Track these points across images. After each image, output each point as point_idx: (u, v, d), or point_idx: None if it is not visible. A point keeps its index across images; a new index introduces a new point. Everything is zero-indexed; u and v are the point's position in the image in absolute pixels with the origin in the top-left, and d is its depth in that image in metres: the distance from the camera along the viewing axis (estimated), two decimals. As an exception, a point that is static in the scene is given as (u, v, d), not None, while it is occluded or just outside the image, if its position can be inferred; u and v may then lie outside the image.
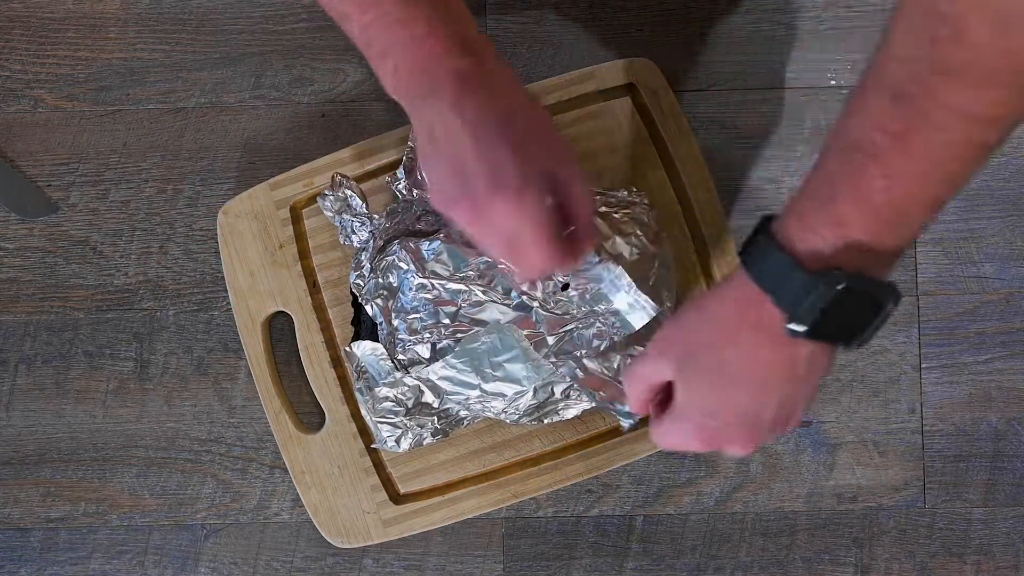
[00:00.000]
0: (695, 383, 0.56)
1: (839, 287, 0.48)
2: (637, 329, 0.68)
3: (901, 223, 0.48)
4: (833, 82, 0.81)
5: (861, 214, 0.48)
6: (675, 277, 0.73)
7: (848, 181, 0.48)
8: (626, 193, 0.73)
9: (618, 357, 0.70)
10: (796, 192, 0.51)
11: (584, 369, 0.69)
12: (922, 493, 0.79)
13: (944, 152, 0.46)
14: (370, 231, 0.73)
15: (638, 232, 0.70)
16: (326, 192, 0.73)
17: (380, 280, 0.71)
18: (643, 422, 0.71)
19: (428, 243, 0.70)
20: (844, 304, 0.49)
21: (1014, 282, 0.80)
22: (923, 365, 0.79)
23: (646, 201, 0.72)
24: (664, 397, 0.60)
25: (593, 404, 0.71)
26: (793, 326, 0.50)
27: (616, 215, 0.71)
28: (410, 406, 0.70)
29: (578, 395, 0.70)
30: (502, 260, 0.59)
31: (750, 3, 0.81)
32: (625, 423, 0.70)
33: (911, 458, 0.79)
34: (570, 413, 0.71)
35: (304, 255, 0.76)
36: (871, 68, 0.47)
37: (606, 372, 0.70)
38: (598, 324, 0.69)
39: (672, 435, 0.59)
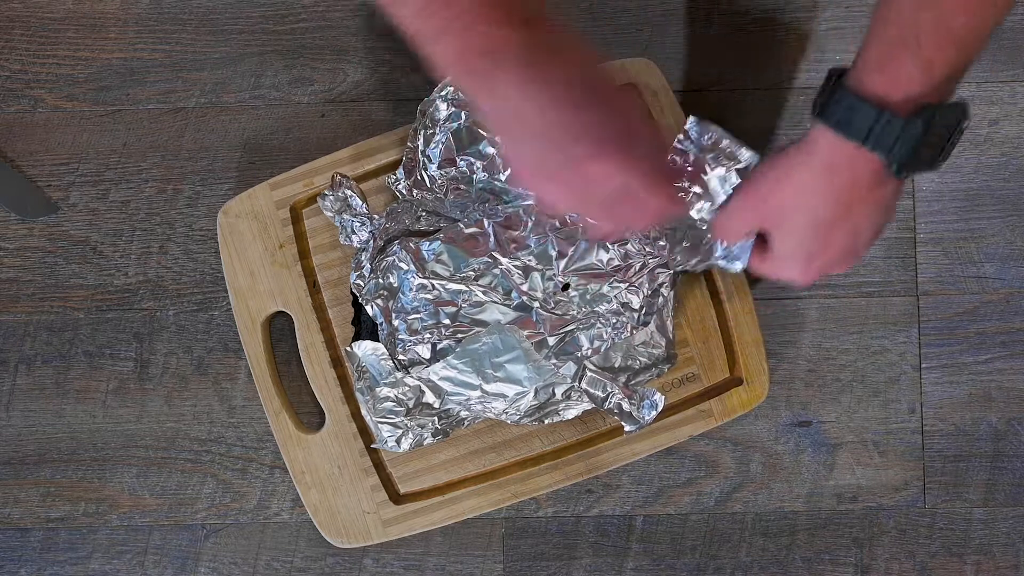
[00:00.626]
0: (795, 239, 0.61)
1: (931, 122, 0.53)
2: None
3: (974, 46, 0.53)
4: (833, 82, 0.81)
5: (946, 51, 0.52)
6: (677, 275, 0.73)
7: (932, 24, 0.52)
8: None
9: (619, 357, 0.70)
10: (865, 50, 0.54)
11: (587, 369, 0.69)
12: (922, 493, 0.79)
13: None
14: (370, 231, 0.73)
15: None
16: (326, 192, 0.73)
17: (380, 280, 0.71)
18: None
19: (428, 243, 0.70)
20: (934, 135, 0.54)
21: (1014, 282, 0.80)
22: (923, 365, 0.79)
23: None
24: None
25: (594, 405, 0.71)
26: (894, 170, 0.55)
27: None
28: (411, 406, 0.70)
29: (579, 396, 0.70)
30: (609, 225, 0.61)
31: (750, 3, 0.81)
32: (629, 428, 0.70)
33: (911, 458, 0.79)
34: (571, 413, 0.71)
35: (304, 255, 0.76)
36: None
37: (607, 373, 0.70)
38: (599, 325, 0.69)
39: (777, 271, 0.65)
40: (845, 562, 0.78)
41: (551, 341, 0.69)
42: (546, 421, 0.71)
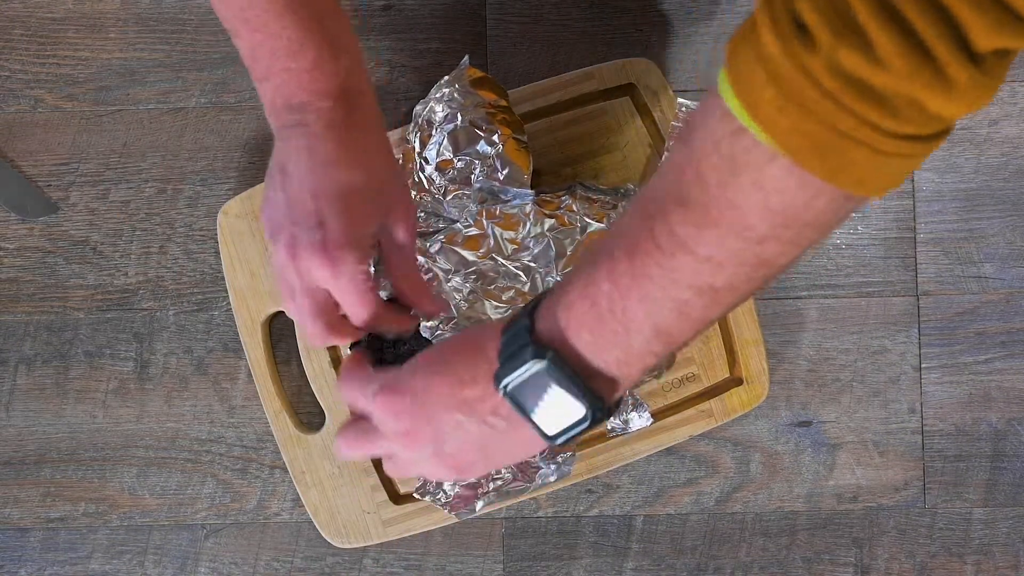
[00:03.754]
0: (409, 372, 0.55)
1: (540, 364, 0.48)
2: None
3: (621, 334, 0.48)
4: (833, 82, 0.81)
5: (583, 304, 0.48)
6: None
7: (584, 273, 0.48)
8: (624, 191, 0.73)
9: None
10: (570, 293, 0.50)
11: None
12: (922, 493, 0.79)
13: (665, 277, 0.46)
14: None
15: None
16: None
17: (381, 281, 0.71)
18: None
19: (427, 244, 0.70)
20: (544, 384, 0.48)
21: (1014, 282, 0.80)
22: (923, 365, 0.79)
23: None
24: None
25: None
26: (498, 375, 0.49)
27: (614, 214, 0.71)
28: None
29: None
30: (304, 318, 0.58)
31: (750, 3, 0.81)
32: (611, 427, 0.70)
33: (911, 458, 0.79)
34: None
35: (304, 255, 0.76)
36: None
37: None
38: None
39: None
40: (845, 562, 0.78)
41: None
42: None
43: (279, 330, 0.78)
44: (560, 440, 0.50)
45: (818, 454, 0.79)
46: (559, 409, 0.49)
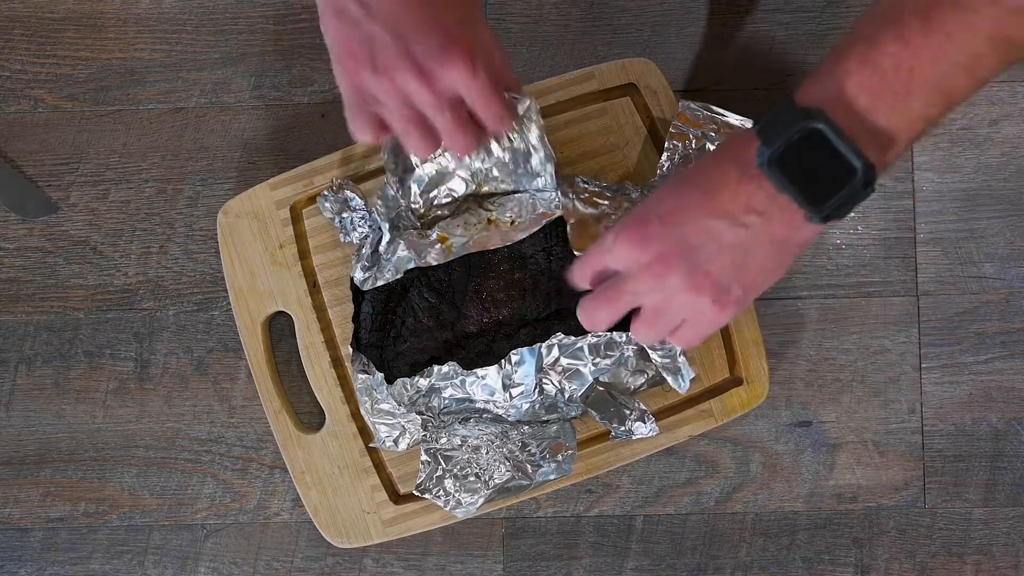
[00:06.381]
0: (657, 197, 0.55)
1: (813, 123, 0.48)
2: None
3: (901, 96, 0.48)
4: (833, 82, 0.81)
5: (863, 70, 0.49)
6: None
7: (864, 40, 0.49)
8: (624, 190, 0.73)
9: (627, 374, 0.70)
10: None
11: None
12: (922, 493, 0.79)
13: (964, 33, 0.47)
14: (369, 225, 0.73)
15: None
16: (326, 193, 0.73)
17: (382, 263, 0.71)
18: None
19: (427, 235, 0.70)
20: (814, 148, 0.49)
21: (1014, 282, 0.80)
22: (923, 365, 0.79)
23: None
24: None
25: (592, 413, 0.70)
26: (760, 150, 0.50)
27: (613, 214, 0.71)
28: (409, 407, 0.70)
29: (579, 402, 0.70)
30: (445, 134, 0.56)
31: (750, 3, 0.81)
32: (615, 435, 0.71)
33: (911, 458, 0.79)
34: (571, 413, 0.72)
35: (304, 255, 0.76)
36: None
37: (617, 385, 0.70)
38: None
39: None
40: (845, 562, 0.78)
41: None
42: (545, 418, 0.71)
43: (279, 330, 0.78)
44: (829, 210, 0.49)
45: (818, 454, 0.79)
46: (828, 174, 0.49)
